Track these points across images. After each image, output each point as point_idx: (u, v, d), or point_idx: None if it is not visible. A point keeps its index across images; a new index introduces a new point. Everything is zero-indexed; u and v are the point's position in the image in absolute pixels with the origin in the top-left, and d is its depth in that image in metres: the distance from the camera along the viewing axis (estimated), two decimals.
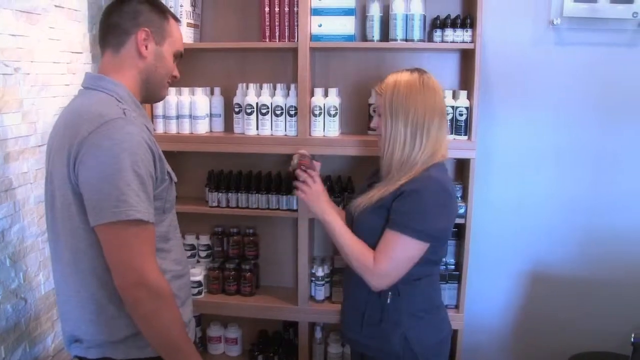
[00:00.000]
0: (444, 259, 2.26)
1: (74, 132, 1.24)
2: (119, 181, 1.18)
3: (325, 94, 2.18)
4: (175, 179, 1.42)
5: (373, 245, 1.60)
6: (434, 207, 1.53)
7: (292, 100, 2.17)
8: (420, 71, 1.63)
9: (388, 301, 1.61)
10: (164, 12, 1.40)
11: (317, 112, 2.15)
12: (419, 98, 1.56)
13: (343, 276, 1.81)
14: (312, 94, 2.18)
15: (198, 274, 2.34)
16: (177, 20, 1.45)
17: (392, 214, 1.55)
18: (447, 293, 2.21)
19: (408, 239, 1.51)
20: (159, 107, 2.24)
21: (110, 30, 1.36)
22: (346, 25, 2.12)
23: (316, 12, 2.12)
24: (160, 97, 1.49)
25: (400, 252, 1.53)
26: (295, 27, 2.12)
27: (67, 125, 1.28)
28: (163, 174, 1.33)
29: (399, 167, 1.58)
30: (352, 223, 1.69)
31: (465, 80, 2.22)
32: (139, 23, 1.34)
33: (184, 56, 2.40)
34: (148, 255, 1.24)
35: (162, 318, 1.26)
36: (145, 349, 1.32)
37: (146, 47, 1.36)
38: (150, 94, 1.44)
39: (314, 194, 1.71)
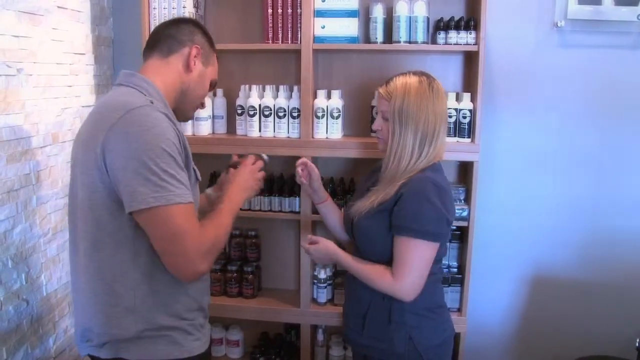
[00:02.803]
0: (445, 262, 2.26)
1: (100, 122, 1.25)
2: (155, 166, 1.19)
3: (328, 96, 2.18)
4: (199, 177, 1.44)
5: (377, 249, 1.60)
6: (435, 207, 1.52)
7: (295, 102, 2.16)
8: (428, 76, 1.61)
9: (390, 302, 1.60)
10: (213, 44, 1.50)
11: (320, 114, 2.15)
12: (429, 106, 1.55)
13: (345, 278, 1.81)
14: (315, 96, 2.17)
15: None
16: (217, 57, 1.55)
17: (396, 220, 1.54)
18: (450, 296, 2.20)
19: (419, 242, 1.51)
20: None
21: (163, 38, 1.41)
22: (349, 27, 2.12)
23: (319, 13, 2.11)
24: (187, 117, 1.54)
25: (417, 258, 1.53)
26: (298, 29, 2.12)
27: (93, 118, 1.30)
28: (189, 170, 1.34)
29: (403, 173, 1.58)
30: (351, 227, 1.69)
31: (469, 83, 2.21)
32: (193, 40, 1.43)
33: None
34: (192, 232, 1.23)
35: (226, 233, 1.36)
36: (158, 351, 1.32)
37: (194, 62, 1.42)
38: (180, 110, 1.46)
39: (321, 251, 1.72)
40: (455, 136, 2.11)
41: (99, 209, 1.26)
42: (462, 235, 2.24)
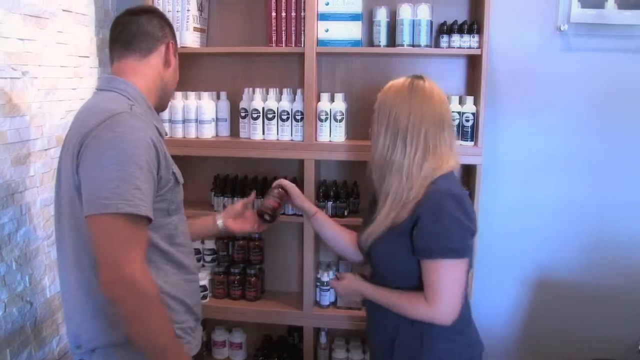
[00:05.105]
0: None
1: (80, 129, 1.25)
2: (115, 173, 1.17)
3: (332, 99, 2.18)
4: (181, 180, 1.41)
5: (397, 273, 1.54)
6: (458, 220, 1.43)
7: (298, 105, 2.17)
8: (417, 77, 1.53)
9: (415, 328, 1.51)
10: (175, 34, 1.49)
11: (323, 117, 2.15)
12: (404, 103, 1.48)
13: (367, 304, 1.69)
14: (318, 99, 2.18)
15: (203, 278, 2.33)
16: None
17: (420, 243, 1.44)
18: None
19: (449, 262, 1.43)
20: (165, 111, 2.23)
21: (140, 36, 1.39)
22: (353, 31, 2.12)
23: (323, 17, 2.12)
24: (166, 107, 1.56)
25: (449, 278, 1.44)
26: (302, 32, 2.12)
27: (75, 125, 1.30)
28: (168, 174, 1.33)
29: (381, 168, 1.51)
30: (368, 253, 1.62)
31: (472, 86, 2.21)
32: (166, 35, 1.43)
33: (191, 60, 2.41)
34: (134, 252, 1.19)
35: (145, 320, 1.20)
36: None
37: (171, 57, 1.44)
38: (161, 103, 1.47)
39: (347, 288, 1.68)
40: (458, 139, 2.11)
41: (79, 216, 1.25)
42: None
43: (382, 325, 1.60)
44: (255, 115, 2.20)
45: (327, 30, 2.12)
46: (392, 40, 2.15)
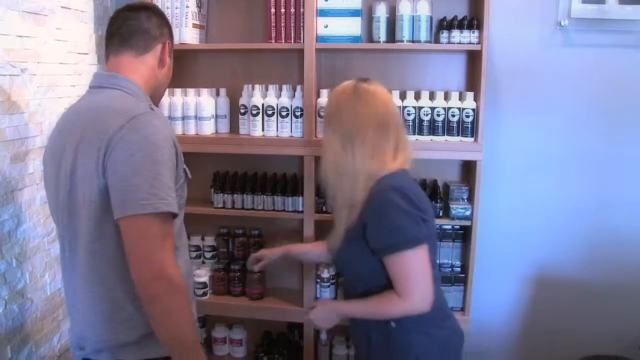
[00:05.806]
0: (448, 261, 2.25)
1: (101, 128, 1.24)
2: (148, 174, 1.19)
3: None
4: (190, 176, 1.43)
5: (362, 274, 1.57)
6: (404, 210, 1.46)
7: (298, 102, 2.16)
8: (361, 80, 1.59)
9: (392, 324, 1.54)
10: (172, 33, 1.50)
11: (322, 114, 2.15)
12: (348, 106, 1.55)
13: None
14: (318, 95, 2.17)
15: (203, 275, 2.34)
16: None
17: (375, 244, 1.49)
18: (453, 295, 2.20)
19: (407, 253, 1.46)
20: (164, 108, 2.24)
21: (138, 33, 1.39)
22: (352, 26, 2.12)
23: (322, 13, 2.11)
24: (156, 106, 1.54)
25: (412, 269, 1.47)
26: (301, 28, 2.12)
27: (90, 124, 1.27)
28: (181, 171, 1.36)
29: (327, 170, 1.57)
30: (334, 262, 1.70)
31: (472, 82, 2.21)
32: (163, 34, 1.44)
33: (190, 57, 2.40)
34: (169, 249, 1.23)
35: (177, 314, 1.24)
36: (153, 350, 1.32)
37: (167, 58, 1.45)
38: (152, 102, 1.46)
39: (319, 313, 1.71)
40: (458, 135, 2.11)
41: (97, 218, 1.25)
42: (465, 235, 2.24)
43: (358, 322, 1.64)
44: (254, 112, 2.19)
45: (326, 26, 2.12)
46: (391, 36, 2.15)
